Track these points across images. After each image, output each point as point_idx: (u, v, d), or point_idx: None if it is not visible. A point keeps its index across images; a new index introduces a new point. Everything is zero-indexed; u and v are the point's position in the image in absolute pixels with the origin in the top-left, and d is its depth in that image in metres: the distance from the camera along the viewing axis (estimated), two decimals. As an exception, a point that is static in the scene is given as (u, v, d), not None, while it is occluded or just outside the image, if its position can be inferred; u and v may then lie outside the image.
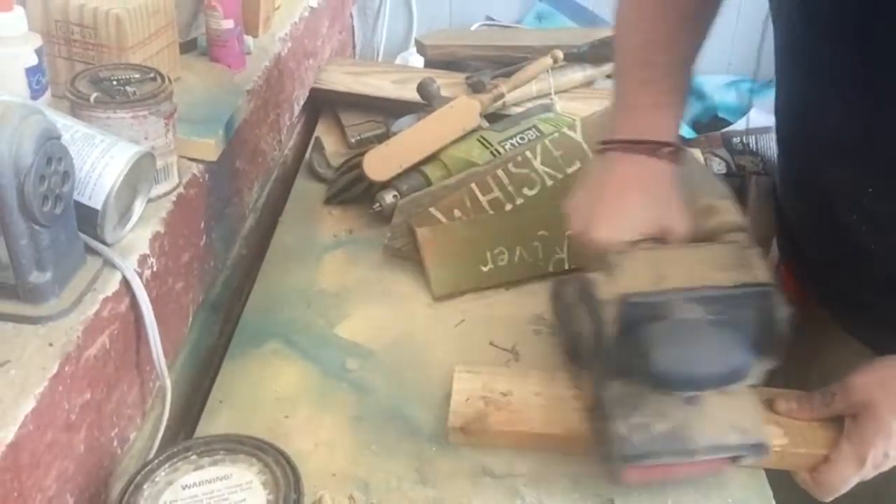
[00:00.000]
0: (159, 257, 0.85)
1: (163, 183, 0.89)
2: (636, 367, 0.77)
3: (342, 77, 1.53)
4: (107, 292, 0.76)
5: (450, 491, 0.83)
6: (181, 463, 0.68)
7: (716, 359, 0.77)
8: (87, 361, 0.72)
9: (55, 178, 0.69)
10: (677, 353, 0.76)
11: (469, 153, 1.21)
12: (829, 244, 0.92)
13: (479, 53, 1.64)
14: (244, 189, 1.17)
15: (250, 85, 1.13)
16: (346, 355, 0.99)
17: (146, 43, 0.99)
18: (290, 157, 1.44)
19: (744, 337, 0.78)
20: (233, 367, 0.97)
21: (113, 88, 0.85)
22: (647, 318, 0.77)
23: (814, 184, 0.90)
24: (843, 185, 0.85)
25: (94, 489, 0.75)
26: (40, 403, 0.64)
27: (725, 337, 0.77)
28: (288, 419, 0.91)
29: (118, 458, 0.81)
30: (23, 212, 0.66)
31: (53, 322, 0.70)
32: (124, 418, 0.81)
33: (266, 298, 1.08)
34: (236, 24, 1.13)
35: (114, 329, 0.77)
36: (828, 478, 0.82)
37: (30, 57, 0.86)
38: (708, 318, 0.78)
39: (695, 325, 0.77)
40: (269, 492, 0.66)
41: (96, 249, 0.78)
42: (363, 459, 0.86)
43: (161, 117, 0.86)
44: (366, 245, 1.18)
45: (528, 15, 2.14)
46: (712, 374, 0.77)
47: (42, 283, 0.70)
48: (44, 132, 0.67)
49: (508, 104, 1.40)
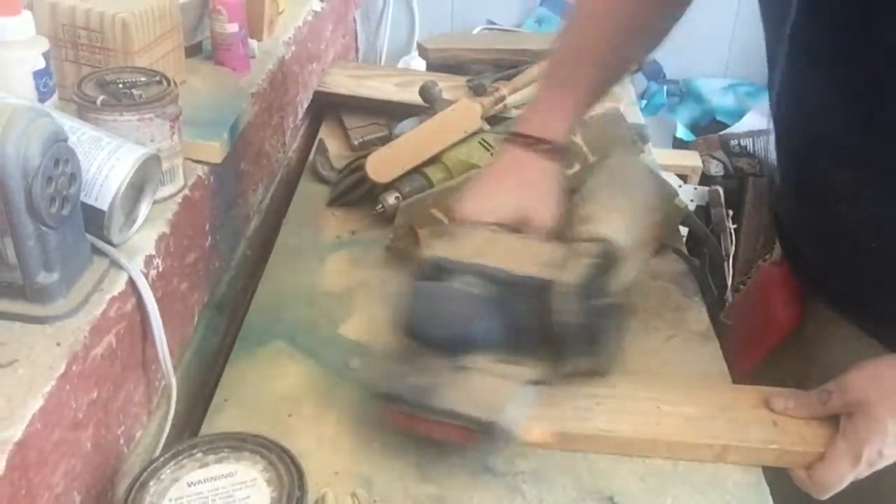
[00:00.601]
0: (165, 258, 0.85)
1: (168, 185, 0.89)
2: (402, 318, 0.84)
3: (345, 80, 1.53)
4: (113, 292, 0.76)
5: (451, 488, 0.83)
6: (187, 460, 0.68)
7: (447, 322, 0.82)
8: (94, 360, 0.72)
9: (62, 180, 0.69)
10: (426, 311, 0.83)
11: (470, 155, 1.21)
12: (830, 244, 0.91)
13: (481, 57, 1.64)
14: (249, 191, 1.17)
15: (255, 88, 1.13)
16: (349, 354, 0.99)
17: (152, 47, 0.99)
18: (293, 159, 1.44)
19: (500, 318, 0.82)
20: (237, 366, 0.97)
21: (119, 91, 0.85)
22: (433, 279, 0.84)
23: (814, 185, 0.90)
24: (845, 186, 0.85)
25: (101, 486, 0.75)
26: (48, 402, 0.64)
27: (478, 309, 0.82)
28: (292, 417, 0.91)
29: (124, 456, 0.81)
30: (30, 213, 0.67)
31: (61, 322, 0.70)
32: (130, 416, 0.81)
33: (270, 298, 1.08)
34: (241, 27, 1.14)
35: (120, 328, 0.77)
36: (823, 475, 0.82)
37: (37, 60, 0.86)
38: (477, 294, 0.82)
39: (457, 293, 0.83)
40: (273, 489, 0.66)
41: (103, 250, 0.78)
42: (366, 457, 0.86)
43: (167, 120, 0.86)
44: (368, 246, 1.18)
45: (528, 19, 2.14)
46: (437, 335, 0.82)
47: (49, 283, 0.70)
48: (51, 135, 0.67)
49: (509, 107, 1.40)
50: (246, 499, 0.65)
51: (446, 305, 0.83)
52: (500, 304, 0.83)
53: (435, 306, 0.83)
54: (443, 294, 0.84)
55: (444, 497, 0.82)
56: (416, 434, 0.84)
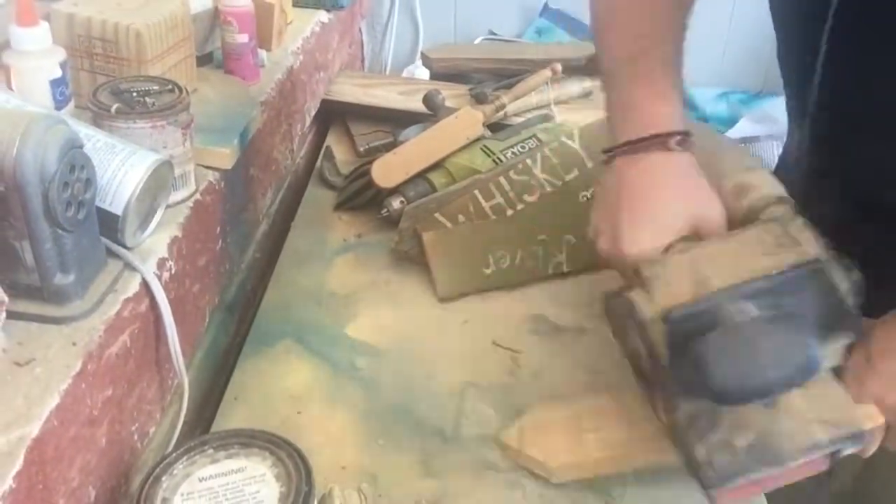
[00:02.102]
0: (177, 260, 0.85)
1: (180, 190, 0.89)
2: (698, 386, 0.68)
3: (352, 89, 1.53)
4: (127, 293, 0.76)
5: (454, 483, 0.83)
6: (198, 456, 0.68)
7: (779, 360, 0.67)
8: (109, 359, 0.72)
9: (78, 186, 0.69)
10: (735, 365, 0.67)
11: (472, 161, 1.21)
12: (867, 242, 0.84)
13: (482, 66, 1.64)
14: (258, 196, 1.17)
15: (264, 96, 1.13)
16: (356, 354, 0.99)
17: (165, 56, 0.99)
18: (301, 165, 1.44)
19: (808, 325, 0.69)
20: (247, 366, 0.97)
21: (133, 100, 0.85)
22: (696, 331, 0.68)
23: (860, 174, 0.83)
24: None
25: (116, 481, 0.75)
26: (64, 400, 0.64)
27: (785, 333, 0.68)
28: (300, 415, 0.90)
29: (138, 452, 0.81)
30: (47, 217, 0.66)
31: (77, 322, 0.70)
32: (144, 414, 0.81)
33: (279, 300, 1.08)
34: (251, 38, 1.14)
35: (134, 329, 0.77)
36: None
37: (54, 70, 0.86)
38: (763, 316, 0.69)
39: (749, 328, 0.68)
40: (281, 484, 0.66)
41: (117, 253, 0.78)
42: (371, 453, 0.86)
43: (179, 127, 0.86)
44: (374, 249, 1.18)
45: (528, 29, 2.14)
46: (778, 377, 0.67)
47: (66, 284, 0.70)
48: (67, 141, 0.67)
49: (510, 115, 1.40)
50: (255, 494, 0.65)
51: (754, 348, 0.67)
52: (795, 313, 0.69)
53: (753, 353, 0.67)
54: (751, 337, 0.68)
55: (447, 492, 0.82)
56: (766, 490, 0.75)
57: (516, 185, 1.14)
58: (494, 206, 1.13)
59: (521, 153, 1.22)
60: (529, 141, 1.25)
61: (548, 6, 2.13)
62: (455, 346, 1.00)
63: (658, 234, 0.77)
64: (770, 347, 0.67)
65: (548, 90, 1.46)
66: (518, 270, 1.10)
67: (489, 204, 1.13)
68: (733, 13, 2.07)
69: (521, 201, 1.14)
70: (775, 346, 0.68)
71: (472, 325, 1.04)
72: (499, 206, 1.13)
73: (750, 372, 0.67)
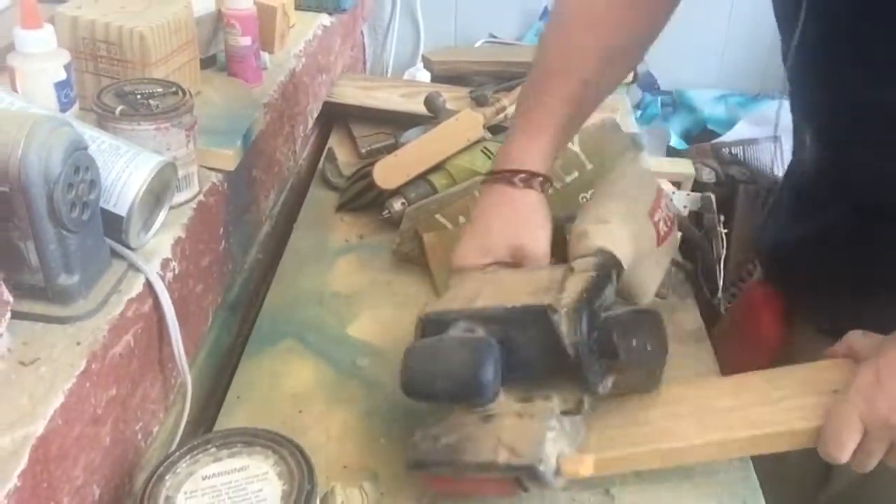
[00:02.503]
0: (181, 261, 0.85)
1: (184, 191, 0.89)
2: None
3: (353, 91, 1.53)
4: (131, 294, 0.76)
5: (455, 482, 0.83)
6: (201, 455, 0.68)
7: (448, 375, 0.74)
8: (113, 359, 0.72)
9: (82, 187, 0.69)
10: (417, 368, 0.76)
11: (473, 163, 1.21)
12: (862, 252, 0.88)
13: (483, 69, 1.64)
14: (261, 197, 1.17)
15: (267, 99, 1.13)
16: (357, 353, 0.99)
17: (168, 59, 0.99)
18: (304, 166, 1.44)
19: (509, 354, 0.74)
20: (250, 365, 0.97)
21: (137, 102, 0.85)
22: (435, 335, 0.77)
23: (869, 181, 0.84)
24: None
25: (119, 480, 0.75)
26: (69, 399, 0.64)
27: (466, 353, 0.74)
28: (302, 414, 0.90)
29: (142, 451, 0.81)
30: (52, 218, 0.67)
31: (81, 322, 0.70)
32: (148, 413, 0.81)
33: (281, 300, 1.08)
34: (253, 41, 1.14)
35: (138, 328, 0.77)
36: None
37: (59, 72, 0.86)
38: (463, 337, 0.76)
39: (446, 342, 0.76)
40: (284, 482, 0.66)
41: (121, 254, 0.78)
42: (373, 452, 0.86)
43: (182, 129, 0.86)
44: (376, 249, 1.18)
45: (528, 32, 2.13)
46: (443, 388, 0.75)
47: (70, 285, 0.70)
48: (72, 143, 0.67)
49: (510, 117, 1.40)
50: (258, 492, 0.65)
51: (445, 356, 0.75)
52: (507, 341, 0.75)
53: (431, 360, 0.76)
54: (439, 346, 0.77)
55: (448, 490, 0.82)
56: (462, 495, 0.79)
57: (516, 186, 1.14)
58: (495, 207, 1.13)
59: (522, 155, 1.22)
60: (529, 143, 1.25)
61: (548, 10, 2.13)
62: (456, 346, 1.00)
63: (481, 253, 0.86)
64: (447, 362, 0.75)
65: (548, 92, 1.46)
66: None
67: (489, 205, 1.13)
68: (731, 16, 2.07)
69: (521, 202, 1.14)
70: (453, 362, 0.75)
71: (473, 325, 1.03)
72: (499, 207, 1.13)
73: (422, 377, 0.76)
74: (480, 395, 0.74)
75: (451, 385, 0.74)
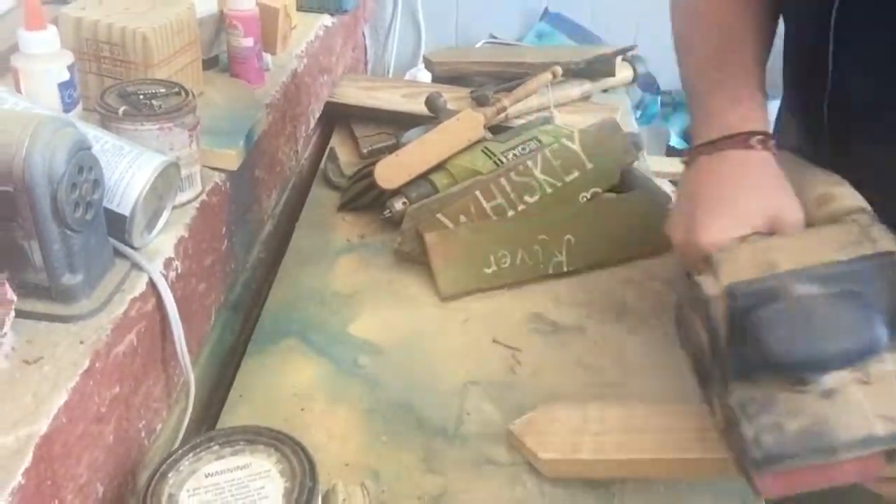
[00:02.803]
0: (183, 260, 0.85)
1: (187, 191, 0.89)
2: (754, 359, 0.66)
3: (355, 92, 1.53)
4: (134, 293, 0.76)
5: (455, 479, 0.83)
6: (204, 453, 0.68)
7: (839, 333, 0.65)
8: (116, 358, 0.72)
9: (86, 187, 0.69)
10: (793, 332, 0.65)
11: (474, 162, 1.21)
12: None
13: (483, 69, 1.64)
14: (263, 196, 1.17)
15: (269, 99, 1.13)
16: (359, 352, 0.99)
17: (171, 59, 0.99)
18: (305, 166, 1.44)
19: (874, 310, 0.66)
20: (252, 364, 0.97)
21: (140, 102, 0.85)
22: (758, 305, 0.67)
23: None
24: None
25: (123, 477, 0.75)
26: (72, 397, 0.64)
27: (847, 308, 0.66)
28: (304, 412, 0.90)
29: (145, 449, 0.81)
30: (56, 218, 0.67)
31: (84, 321, 0.70)
32: (151, 411, 0.81)
33: (283, 299, 1.08)
34: (256, 42, 1.14)
35: (141, 327, 0.77)
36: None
37: (62, 73, 0.86)
38: (829, 293, 0.67)
39: (810, 301, 0.66)
40: (286, 480, 0.66)
41: (125, 253, 0.78)
42: (374, 450, 0.86)
43: (185, 129, 0.86)
44: (377, 249, 1.18)
45: (529, 33, 2.13)
46: (838, 349, 0.65)
47: (74, 284, 0.70)
48: (75, 143, 0.67)
49: (510, 117, 1.40)
50: (260, 489, 0.65)
51: (814, 318, 0.66)
52: (861, 296, 0.67)
53: (813, 325, 0.66)
54: (814, 309, 0.66)
55: (449, 488, 0.82)
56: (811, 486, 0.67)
57: (517, 186, 1.14)
58: (495, 206, 1.13)
59: (522, 155, 1.22)
60: (530, 143, 1.25)
61: (548, 11, 2.13)
62: (456, 345, 1.00)
63: (733, 225, 0.76)
64: (830, 319, 0.66)
65: (548, 93, 1.46)
66: (519, 270, 1.10)
67: (490, 204, 1.13)
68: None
69: (522, 202, 1.14)
70: (836, 318, 0.66)
71: (474, 324, 1.04)
72: (500, 206, 1.13)
73: (805, 340, 0.65)
74: (875, 350, 0.66)
75: (843, 344, 0.65)
